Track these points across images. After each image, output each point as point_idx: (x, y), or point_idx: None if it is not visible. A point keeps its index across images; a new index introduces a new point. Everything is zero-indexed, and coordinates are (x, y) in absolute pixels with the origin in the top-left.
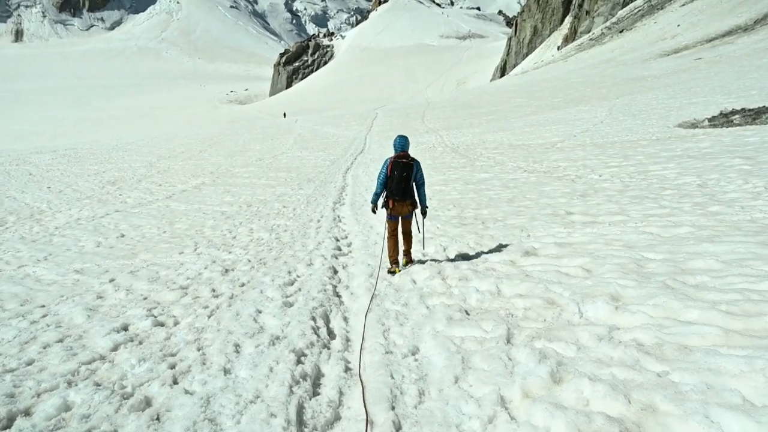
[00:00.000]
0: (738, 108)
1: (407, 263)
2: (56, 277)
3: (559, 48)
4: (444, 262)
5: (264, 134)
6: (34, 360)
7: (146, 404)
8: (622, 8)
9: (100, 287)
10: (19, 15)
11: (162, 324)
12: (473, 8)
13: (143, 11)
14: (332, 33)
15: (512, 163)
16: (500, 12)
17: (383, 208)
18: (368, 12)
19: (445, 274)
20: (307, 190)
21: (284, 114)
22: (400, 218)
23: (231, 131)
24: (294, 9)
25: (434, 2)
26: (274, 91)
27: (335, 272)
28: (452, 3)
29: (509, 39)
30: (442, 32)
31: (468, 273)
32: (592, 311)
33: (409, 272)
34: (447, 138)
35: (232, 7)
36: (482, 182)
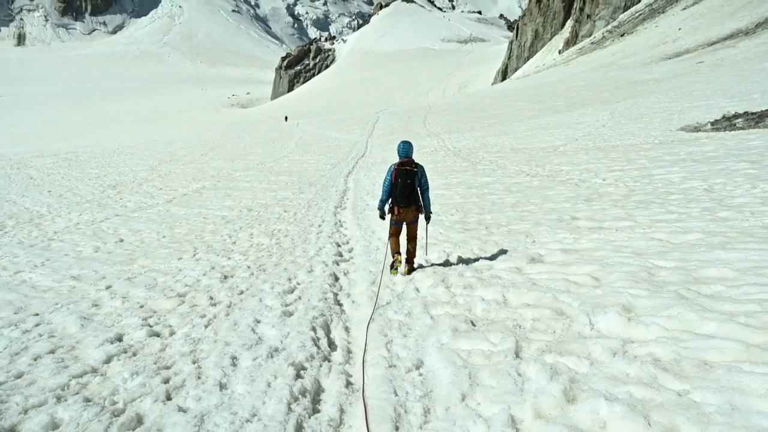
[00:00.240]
0: (741, 111)
1: (409, 271)
2: (52, 284)
3: (561, 52)
4: (448, 269)
5: (265, 138)
6: (24, 373)
7: (137, 422)
8: (624, 12)
9: (96, 294)
10: (22, 19)
11: (157, 334)
12: (474, 12)
13: (145, 15)
14: (334, 37)
15: (514, 167)
16: (501, 16)
17: (389, 214)
18: (370, 16)
19: (449, 282)
20: (309, 194)
21: (285, 117)
22: (405, 223)
23: (232, 135)
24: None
25: (435, 6)
26: (276, 95)
27: (336, 279)
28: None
29: (510, 43)
30: (444, 36)
31: (473, 281)
32: (604, 323)
33: (413, 279)
34: (449, 142)
35: (234, 11)
36: (485, 186)
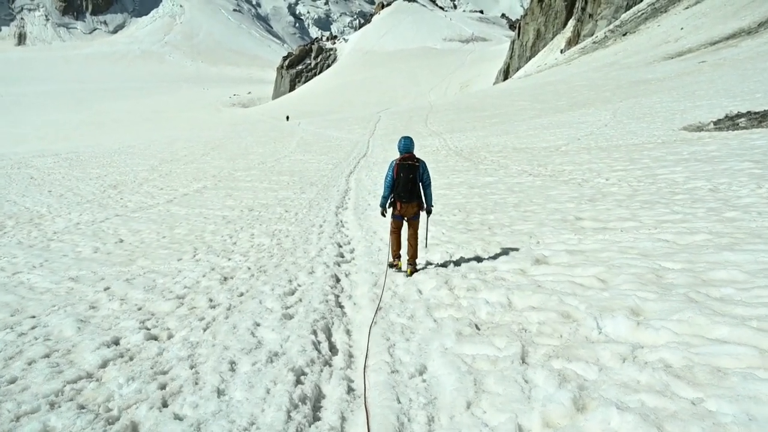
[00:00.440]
0: (743, 111)
1: (411, 273)
2: (50, 285)
3: (563, 51)
4: (451, 271)
5: (266, 137)
6: (17, 378)
7: (132, 430)
8: (626, 11)
9: (94, 296)
10: (22, 18)
11: (155, 338)
12: (476, 11)
13: (146, 15)
14: (335, 36)
15: (517, 167)
16: (503, 15)
17: (390, 209)
18: (371, 15)
19: (453, 284)
20: (310, 194)
21: (287, 117)
22: (406, 219)
23: (233, 134)
24: (297, 12)
25: (437, 5)
26: (277, 94)
27: (338, 281)
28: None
29: (512, 42)
30: (445, 35)
31: (476, 283)
32: (612, 327)
33: (415, 281)
34: (450, 141)
35: (235, 11)
36: (487, 186)
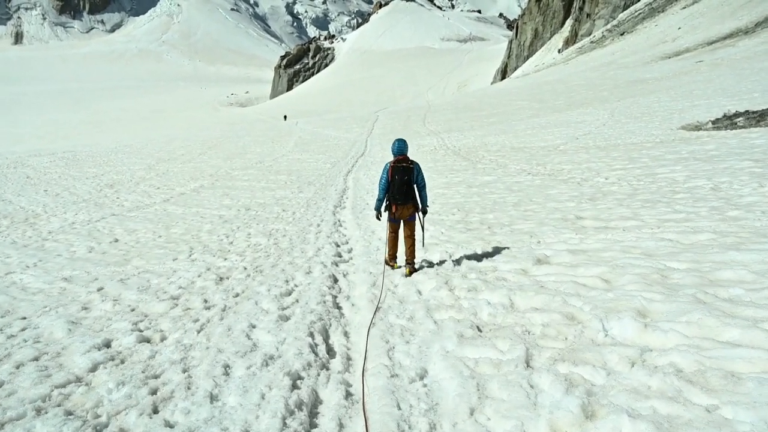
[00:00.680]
0: (741, 110)
1: (410, 273)
2: (43, 285)
3: (560, 51)
4: (450, 271)
5: (264, 137)
6: (4, 382)
7: None
8: (623, 11)
9: (87, 297)
10: (19, 17)
11: (147, 340)
12: (474, 11)
13: (143, 14)
14: (333, 36)
15: (515, 166)
16: (501, 15)
17: (385, 212)
18: (369, 15)
19: (453, 285)
20: (307, 194)
21: (284, 116)
22: (403, 221)
23: (231, 134)
24: (295, 12)
25: (435, 5)
26: (275, 94)
27: (335, 281)
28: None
29: (510, 42)
30: (443, 35)
31: (477, 283)
32: (618, 329)
33: (414, 282)
34: (448, 140)
35: (233, 10)
36: (485, 185)
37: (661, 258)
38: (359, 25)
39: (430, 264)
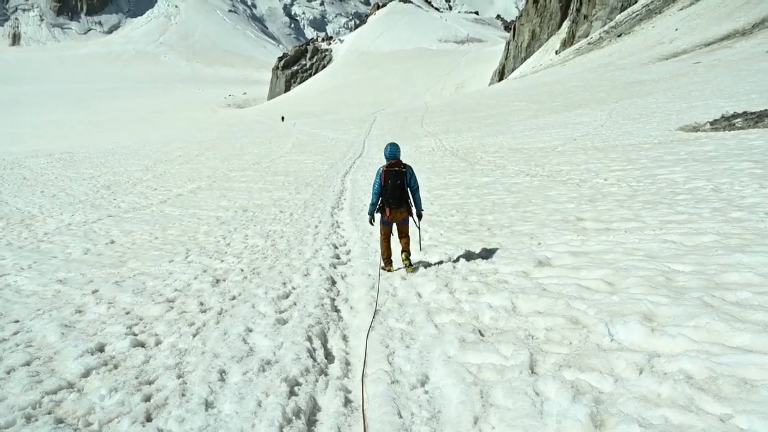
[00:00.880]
0: (739, 111)
1: (408, 263)
2: (37, 288)
3: (558, 52)
4: (450, 273)
5: (262, 138)
6: None
7: None
8: (620, 12)
9: (81, 299)
10: (17, 18)
11: (142, 344)
12: (471, 12)
13: (141, 15)
14: (331, 37)
15: (513, 167)
16: (498, 16)
17: (378, 214)
18: (367, 16)
19: (453, 287)
20: (305, 195)
21: (282, 118)
22: (396, 224)
23: (229, 135)
24: (292, 13)
25: (432, 6)
26: (273, 95)
27: (333, 283)
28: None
29: (507, 43)
30: (441, 36)
31: (478, 286)
32: (624, 333)
33: (414, 284)
34: (446, 142)
35: (231, 11)
36: (484, 186)
37: (665, 260)
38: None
39: (430, 265)
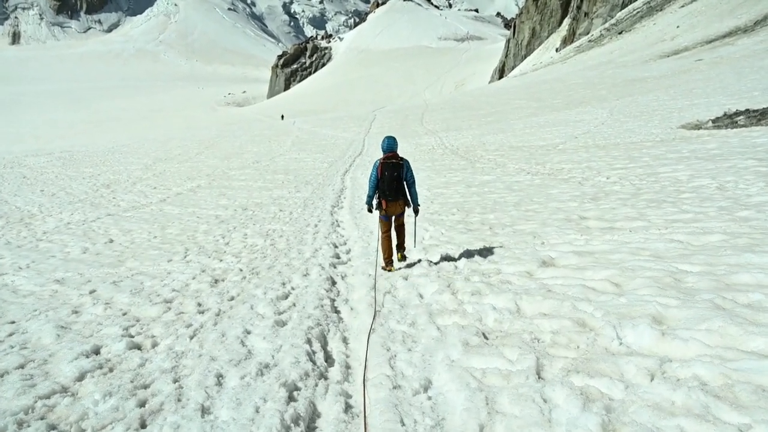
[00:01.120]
0: (742, 109)
1: (402, 258)
2: (34, 288)
3: (558, 50)
4: (452, 273)
5: (261, 136)
6: None
7: None
8: (621, 10)
9: (78, 300)
10: (16, 17)
11: (138, 346)
12: (471, 10)
13: (141, 13)
14: (330, 35)
15: (514, 165)
16: (498, 14)
17: (377, 209)
18: (366, 14)
19: (456, 288)
20: (305, 193)
21: (282, 116)
22: (394, 217)
23: (228, 133)
24: (292, 11)
25: (432, 4)
26: (272, 93)
27: (333, 283)
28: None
29: (507, 41)
30: (440, 34)
31: (481, 286)
32: (633, 337)
33: (415, 285)
34: (446, 140)
35: (230, 10)
36: (485, 185)
37: (673, 260)
38: (356, 25)
39: (431, 265)
